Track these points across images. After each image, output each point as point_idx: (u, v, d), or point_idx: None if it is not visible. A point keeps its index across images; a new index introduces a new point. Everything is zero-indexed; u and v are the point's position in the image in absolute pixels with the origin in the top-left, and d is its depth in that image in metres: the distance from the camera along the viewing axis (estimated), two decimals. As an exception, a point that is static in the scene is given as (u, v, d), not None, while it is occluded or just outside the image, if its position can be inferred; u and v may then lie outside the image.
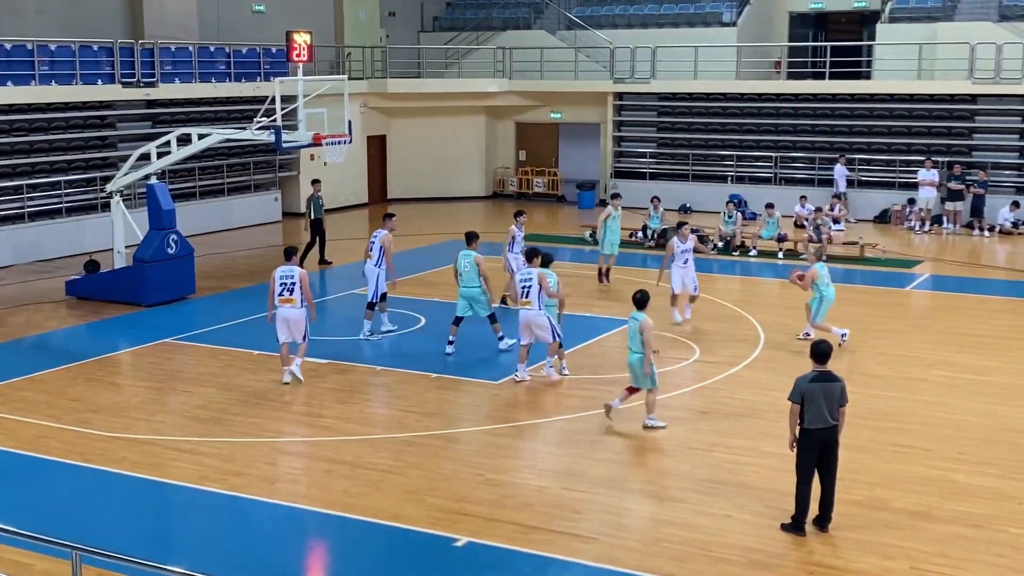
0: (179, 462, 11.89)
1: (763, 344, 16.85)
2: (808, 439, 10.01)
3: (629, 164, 33.26)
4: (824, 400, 9.95)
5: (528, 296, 14.58)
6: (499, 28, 36.26)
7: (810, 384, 10.02)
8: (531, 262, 15.04)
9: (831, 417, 10.00)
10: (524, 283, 14.66)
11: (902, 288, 21.33)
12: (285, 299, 14.60)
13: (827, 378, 10.09)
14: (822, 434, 10.00)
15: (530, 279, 14.65)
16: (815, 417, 9.96)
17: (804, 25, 36.72)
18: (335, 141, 18.93)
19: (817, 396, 9.96)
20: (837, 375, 10.19)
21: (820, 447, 10.02)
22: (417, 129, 34.00)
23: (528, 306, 14.58)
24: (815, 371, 10.15)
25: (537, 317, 14.58)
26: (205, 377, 15.12)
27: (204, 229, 26.67)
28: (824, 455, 10.08)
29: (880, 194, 29.56)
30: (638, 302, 12.92)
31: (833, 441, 10.08)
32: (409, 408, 13.84)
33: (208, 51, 28.25)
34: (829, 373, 10.14)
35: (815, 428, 9.97)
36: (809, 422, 9.98)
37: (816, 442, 10.00)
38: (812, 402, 9.95)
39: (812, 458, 10.06)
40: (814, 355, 10.21)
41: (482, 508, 10.71)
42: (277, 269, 14.85)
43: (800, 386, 10.05)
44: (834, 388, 10.04)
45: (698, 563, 9.54)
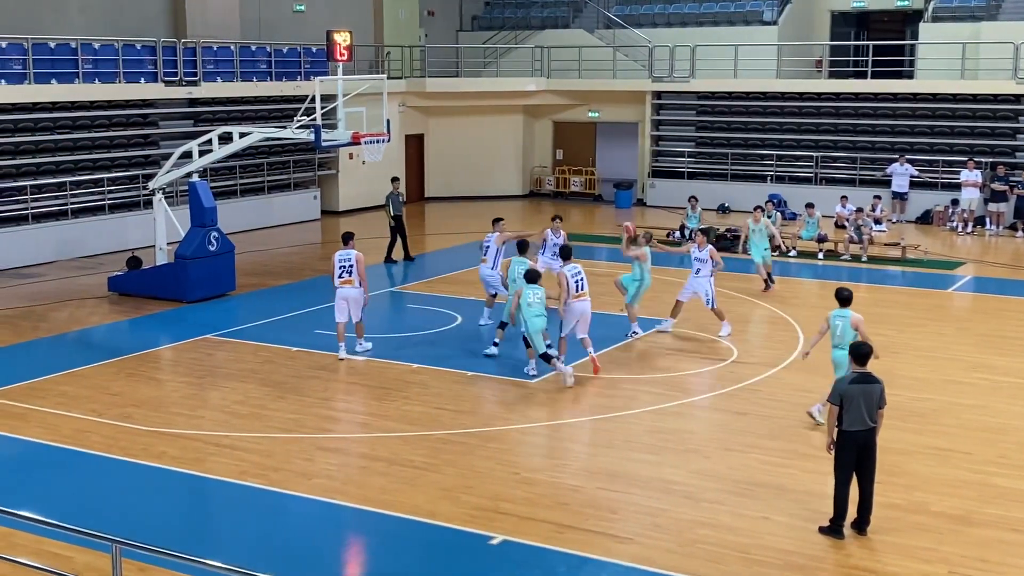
0: (219, 457, 12.01)
1: (802, 346, 16.72)
2: (846, 441, 9.94)
3: (667, 163, 33.14)
4: (864, 402, 9.87)
5: (582, 289, 14.97)
6: (537, 27, 36.26)
7: (850, 386, 9.92)
8: (569, 259, 15.49)
9: (870, 419, 9.92)
10: (576, 277, 14.99)
11: (944, 290, 21.11)
12: (345, 280, 15.78)
13: (867, 380, 9.98)
14: (861, 436, 9.92)
15: (580, 273, 15.07)
16: (854, 419, 9.88)
17: (846, 24, 36.41)
18: (374, 140, 19.00)
19: (857, 398, 9.86)
20: (877, 377, 10.10)
21: (858, 449, 9.94)
22: (455, 128, 34.07)
23: (584, 298, 14.98)
24: (855, 373, 10.06)
25: (589, 309, 15.09)
26: (244, 373, 15.25)
27: (244, 227, 26.88)
28: (862, 457, 9.99)
29: (922, 195, 29.25)
30: (845, 300, 12.90)
31: (871, 443, 10.00)
32: (445, 406, 13.88)
33: (249, 50, 28.45)
34: (869, 375, 10.04)
35: (854, 430, 9.89)
36: (848, 424, 9.90)
37: (854, 444, 9.92)
38: (852, 404, 9.86)
39: (850, 460, 9.98)
40: (854, 357, 10.12)
41: (517, 507, 10.73)
42: (337, 253, 15.91)
43: (840, 388, 9.97)
44: (874, 390, 9.95)
45: (734, 565, 9.50)
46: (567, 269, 15.17)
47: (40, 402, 13.83)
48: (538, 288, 14.67)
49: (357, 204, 31.38)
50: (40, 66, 23.35)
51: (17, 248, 22.78)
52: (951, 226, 28.04)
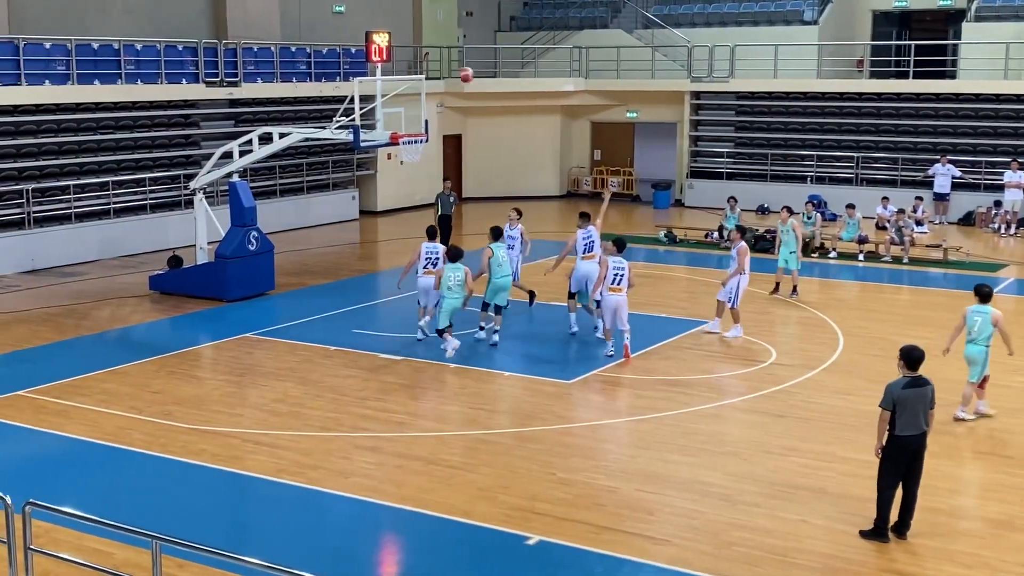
0: (257, 455, 12.09)
1: (842, 348, 16.60)
2: (898, 446, 9.78)
3: (706, 164, 33.00)
4: (918, 406, 9.73)
5: (619, 283, 15.48)
6: (576, 27, 36.23)
7: (904, 391, 9.75)
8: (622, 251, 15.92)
9: (924, 423, 9.79)
10: (617, 271, 15.48)
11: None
12: (429, 271, 16.56)
13: (919, 383, 9.85)
14: (914, 441, 9.78)
15: (623, 268, 15.53)
16: (907, 424, 9.72)
17: (887, 23, 36.07)
18: (412, 140, 19.05)
19: (911, 402, 9.71)
20: (927, 378, 9.95)
21: (910, 455, 9.81)
22: (493, 128, 34.11)
23: (619, 292, 15.52)
24: (907, 377, 9.87)
25: (625, 303, 15.65)
26: (283, 372, 15.35)
27: (284, 226, 27.07)
28: (912, 462, 9.86)
29: (965, 196, 28.91)
30: (985, 296, 12.91)
31: (923, 447, 9.87)
32: (481, 405, 13.90)
33: (289, 51, 28.65)
34: (920, 378, 9.89)
35: (907, 435, 9.73)
36: (901, 429, 9.72)
37: (906, 449, 9.78)
38: (905, 409, 9.70)
39: (900, 466, 9.83)
40: (907, 361, 9.91)
41: (554, 507, 10.72)
42: (424, 244, 16.86)
43: (893, 393, 9.77)
44: (926, 392, 9.82)
45: (772, 568, 9.44)
46: (613, 261, 15.62)
47: (82, 399, 14.00)
48: (459, 268, 15.87)
49: (395, 204, 31.51)
50: (83, 67, 23.63)
51: (60, 247, 23.08)
52: (993, 228, 27.70)
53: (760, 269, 21.94)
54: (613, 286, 15.55)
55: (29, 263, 22.52)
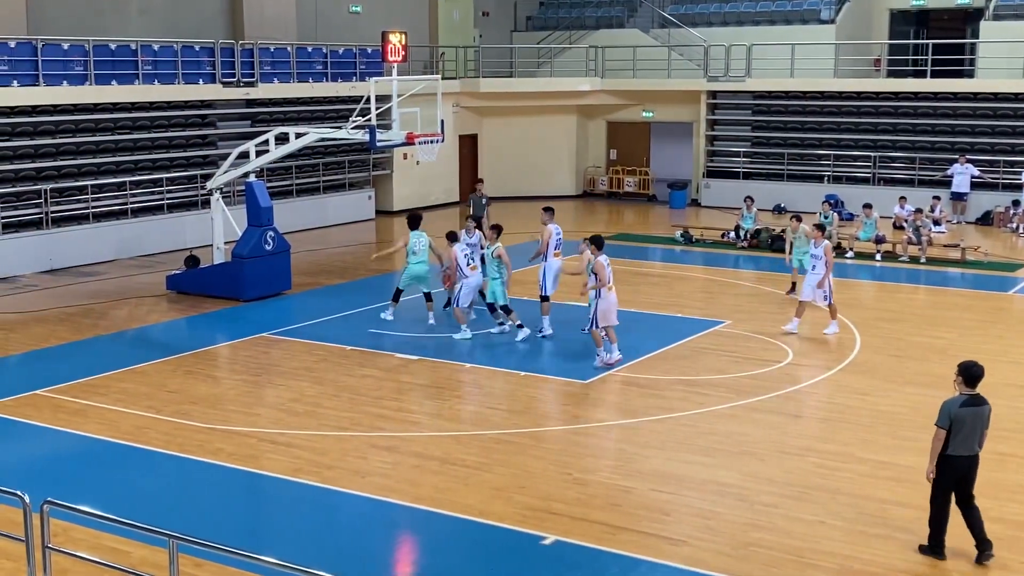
0: (274, 454, 12.11)
1: (859, 348, 16.53)
2: (950, 467, 9.37)
3: (722, 163, 32.92)
4: (974, 426, 9.30)
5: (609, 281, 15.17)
6: (592, 27, 36.19)
7: (961, 409, 9.29)
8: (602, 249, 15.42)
9: (976, 444, 9.37)
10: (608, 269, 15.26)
11: (1004, 292, 20.74)
12: (473, 267, 17.21)
13: (977, 402, 9.37)
14: (964, 463, 9.38)
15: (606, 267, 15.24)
16: (961, 444, 9.30)
17: (905, 22, 35.92)
18: (428, 140, 19.06)
19: (968, 422, 9.27)
20: (985, 398, 9.46)
21: (959, 475, 9.41)
22: (509, 128, 34.11)
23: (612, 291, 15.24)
24: (965, 394, 9.37)
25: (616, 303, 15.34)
26: (299, 371, 15.38)
27: (300, 226, 27.12)
28: (961, 483, 9.46)
29: (983, 195, 28.76)
30: None
31: (973, 469, 9.45)
32: (497, 405, 13.90)
33: (306, 51, 28.70)
34: (979, 396, 9.40)
35: (958, 455, 9.32)
36: (954, 449, 9.30)
37: (956, 470, 9.38)
38: (961, 428, 9.26)
39: (951, 487, 9.44)
40: (966, 378, 9.40)
41: (570, 507, 10.70)
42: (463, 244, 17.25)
43: (950, 411, 9.30)
44: (984, 412, 9.37)
45: (789, 569, 9.40)
46: (603, 258, 15.23)
47: (99, 398, 14.05)
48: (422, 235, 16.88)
49: (411, 204, 31.42)
50: (101, 67, 23.73)
51: (78, 247, 23.19)
52: (1012, 227, 27.54)
53: (776, 269, 21.90)
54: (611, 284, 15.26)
55: (47, 263, 22.63)
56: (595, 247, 15.28)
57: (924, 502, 10.73)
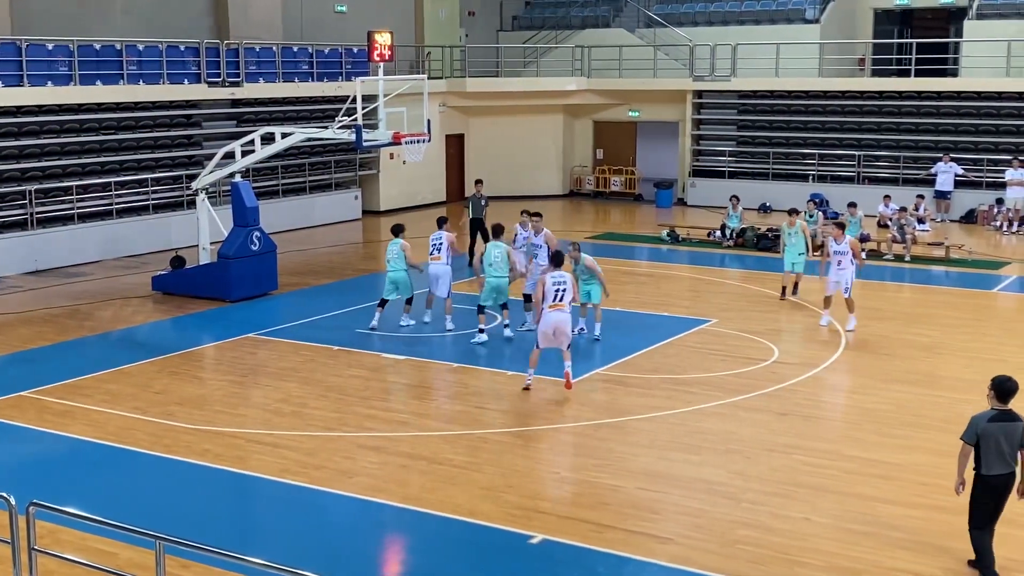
0: (261, 455, 12.10)
1: (844, 346, 16.59)
2: (986, 487, 9.03)
3: (708, 163, 32.99)
4: (1005, 443, 8.89)
5: (561, 300, 13.96)
6: (578, 26, 36.22)
7: (989, 424, 8.91)
8: (561, 266, 14.47)
9: (1012, 461, 8.96)
10: (558, 286, 13.99)
11: (988, 290, 20.84)
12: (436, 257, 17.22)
13: (1008, 417, 8.96)
14: (1001, 481, 9.00)
15: (564, 282, 14.05)
16: (993, 462, 8.92)
17: (889, 22, 36.05)
18: (414, 140, 19.06)
19: (996, 438, 8.88)
20: (1018, 414, 9.06)
21: (998, 495, 9.05)
22: (495, 128, 34.11)
23: (562, 309, 13.95)
24: (994, 409, 8.99)
25: (567, 322, 14.03)
26: (286, 372, 15.36)
27: (286, 226, 27.08)
28: (999, 502, 9.11)
29: (967, 194, 28.90)
30: None
31: (1009, 486, 9.06)
32: (484, 404, 13.90)
33: (291, 51, 28.66)
34: (1010, 412, 9.00)
35: (993, 474, 8.95)
36: (987, 468, 8.95)
37: (994, 490, 9.03)
38: (989, 445, 8.90)
39: (989, 506, 9.09)
40: (998, 392, 9.00)
41: (557, 506, 10.72)
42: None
43: (977, 425, 8.95)
44: (1016, 429, 8.92)
45: (776, 566, 9.43)
46: (552, 276, 14.17)
47: (85, 400, 14.01)
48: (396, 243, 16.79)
49: (398, 204, 31.53)
50: (85, 68, 23.65)
51: (63, 247, 23.10)
52: (995, 225, 27.69)
53: (762, 268, 21.97)
54: (554, 303, 13.98)
55: (32, 264, 22.54)
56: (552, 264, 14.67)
57: (912, 499, 10.82)
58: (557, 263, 14.52)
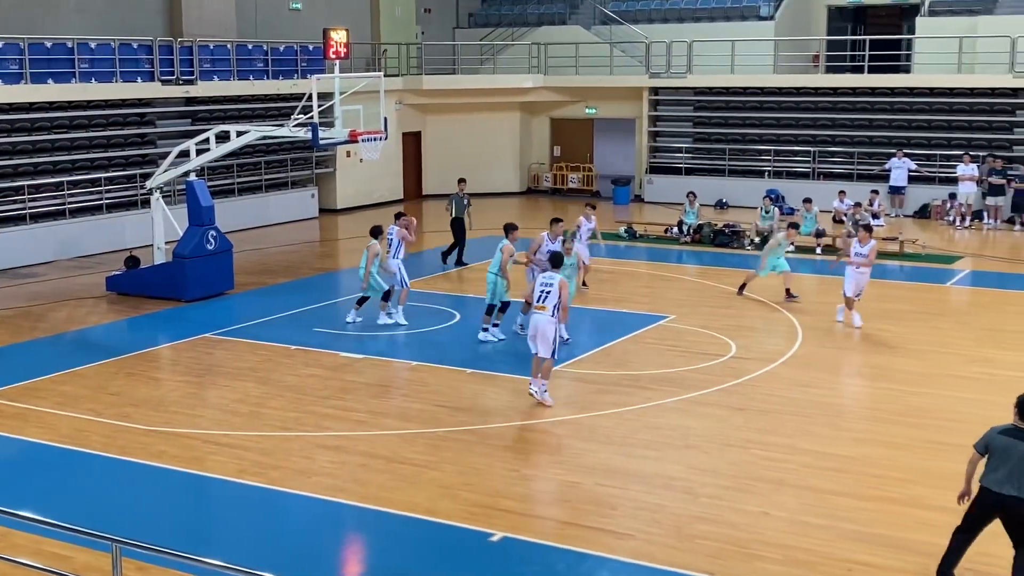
0: (218, 456, 12.01)
1: (800, 341, 16.75)
2: (979, 497, 8.63)
3: (664, 159, 33.16)
4: (1013, 460, 8.36)
5: (544, 302, 13.46)
6: (534, 24, 36.26)
7: (999, 436, 8.52)
8: (558, 267, 14.11)
9: (1015, 486, 8.35)
10: (544, 287, 13.56)
11: (942, 284, 21.12)
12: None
13: (1019, 435, 8.45)
14: (996, 500, 8.46)
15: (551, 284, 13.51)
16: (994, 478, 8.46)
17: (842, 18, 36.42)
18: (371, 138, 19.02)
19: (1003, 453, 8.41)
20: None
21: (996, 514, 8.55)
22: (452, 125, 34.07)
23: (543, 311, 13.44)
24: (1012, 425, 8.55)
25: (547, 326, 13.37)
26: (243, 372, 15.26)
27: (242, 225, 26.89)
28: (1009, 526, 8.54)
29: (920, 189, 29.27)
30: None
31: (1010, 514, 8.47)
32: (443, 403, 13.89)
33: (246, 49, 28.45)
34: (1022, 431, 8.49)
35: (991, 489, 8.48)
36: (985, 480, 8.54)
37: (984, 504, 8.57)
38: (994, 458, 8.47)
39: (980, 519, 8.65)
40: (1019, 410, 8.54)
41: (517, 503, 10.74)
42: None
43: (988, 435, 8.60)
44: (1016, 447, 8.39)
45: (734, 560, 9.51)
46: (543, 276, 13.81)
47: (39, 402, 13.83)
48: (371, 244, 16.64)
49: (355, 202, 31.42)
50: (36, 66, 23.34)
51: (15, 248, 22.78)
52: (948, 220, 28.07)
53: (719, 264, 22.12)
54: (537, 303, 13.56)
55: (-17, 265, 22.24)
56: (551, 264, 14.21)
57: (865, 491, 10.94)
58: (555, 264, 14.08)
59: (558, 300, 13.40)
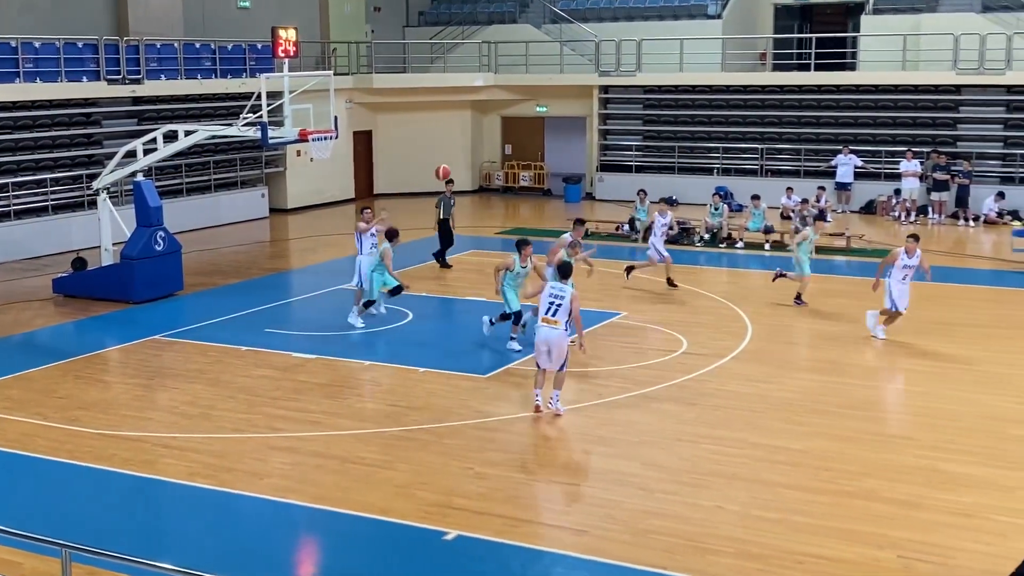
0: (168, 459, 11.89)
1: (750, 336, 16.91)
2: None
3: (615, 157, 33.30)
4: None
5: (555, 315, 12.98)
6: (484, 22, 36.25)
7: None
8: (567, 277, 13.61)
9: None
10: (554, 298, 13.02)
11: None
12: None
13: None
14: None
15: (562, 296, 13.01)
16: None
17: (789, 17, 36.78)
18: (321, 137, 18.93)
19: None
20: None
21: None
22: (403, 124, 33.98)
23: (555, 325, 12.97)
24: None
25: (562, 342, 13.00)
26: (193, 373, 15.12)
27: (191, 226, 26.63)
28: None
29: (866, 185, 29.66)
30: None
31: None
32: (397, 402, 13.86)
33: (193, 47, 28.17)
34: None
35: None
36: None
37: None
38: None
39: None
40: None
41: (471, 502, 10.74)
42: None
43: None
44: None
45: (687, 555, 9.58)
46: (552, 287, 13.20)
47: (-16, 407, 13.61)
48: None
49: (306, 202, 31.25)
50: (-21, 65, 22.97)
51: (-42, 251, 22.41)
52: (894, 215, 28.48)
53: (679, 260, 22.24)
54: (547, 316, 13.04)
55: (-75, 268, 21.83)
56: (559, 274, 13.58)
57: (817, 484, 11.07)
58: (564, 274, 13.48)
59: (569, 314, 12.94)
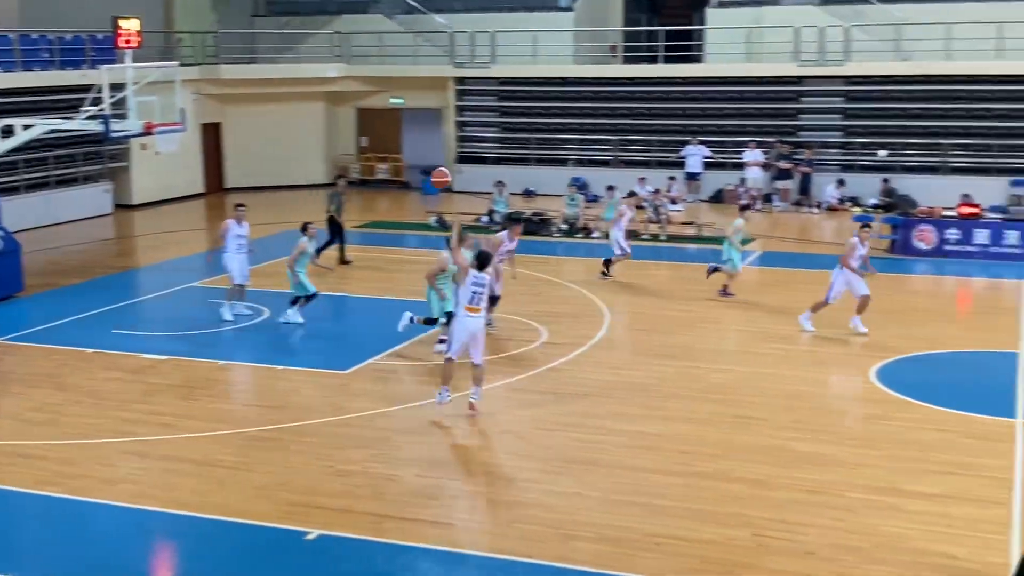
0: (14, 467, 11.40)
1: (608, 324, 17.16)
2: None
3: (472, 149, 33.35)
4: None
5: (478, 303, 12.88)
6: (334, 12, 35.71)
7: None
8: (485, 267, 13.14)
9: None
10: (476, 288, 12.85)
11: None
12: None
13: None
14: None
15: (484, 284, 12.91)
16: None
17: (638, 9, 37.38)
18: (168, 129, 18.42)
19: None
20: None
21: None
22: (253, 116, 33.27)
23: (476, 313, 12.87)
24: None
25: (483, 327, 13.04)
26: (38, 378, 14.51)
27: (31, 224, 25.53)
28: None
29: (714, 175, 30.42)
30: None
31: None
32: (255, 402, 13.59)
33: (30, 38, 27.04)
34: None
35: None
36: None
37: None
38: None
39: None
40: None
41: (334, 500, 10.60)
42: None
43: None
44: None
45: (551, 542, 9.66)
46: (475, 277, 12.83)
47: None
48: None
49: (153, 197, 30.31)
50: None
51: None
52: (741, 204, 29.28)
53: (529, 251, 22.42)
54: (471, 305, 12.85)
55: None
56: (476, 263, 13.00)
57: (675, 467, 11.32)
58: (481, 264, 13.01)
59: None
